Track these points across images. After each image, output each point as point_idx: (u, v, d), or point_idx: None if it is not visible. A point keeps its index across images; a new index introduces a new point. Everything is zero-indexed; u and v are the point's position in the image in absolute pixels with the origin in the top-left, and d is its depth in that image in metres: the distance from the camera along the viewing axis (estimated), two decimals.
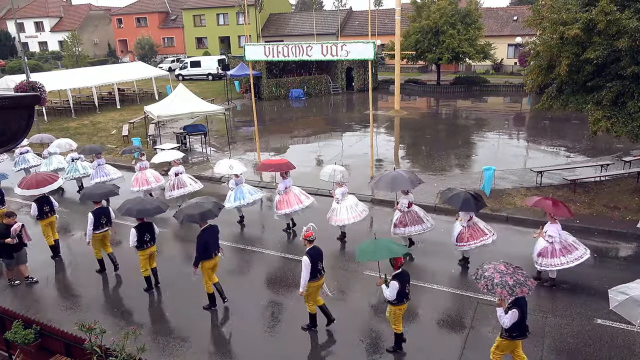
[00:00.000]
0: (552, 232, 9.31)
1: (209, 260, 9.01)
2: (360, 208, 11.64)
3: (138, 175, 14.71)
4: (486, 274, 6.53)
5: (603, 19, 12.17)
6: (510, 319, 6.55)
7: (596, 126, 13.27)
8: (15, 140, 3.06)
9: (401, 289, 7.32)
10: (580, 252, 9.34)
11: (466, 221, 10.12)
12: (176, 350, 8.24)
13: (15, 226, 9.97)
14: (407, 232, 10.91)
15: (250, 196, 12.88)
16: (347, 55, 14.63)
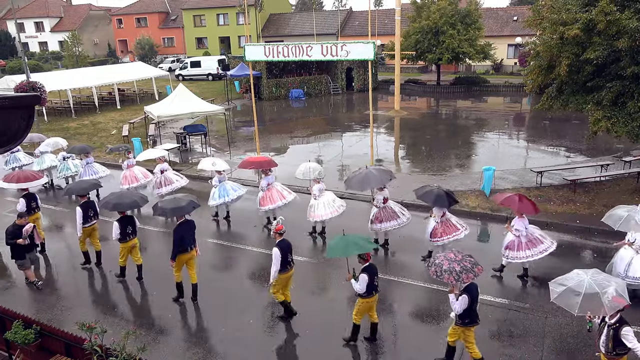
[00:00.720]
0: (519, 226, 9.64)
1: (185, 254, 9.29)
2: (338, 203, 11.83)
3: (127, 173, 14.90)
4: (437, 261, 6.96)
5: (603, 19, 12.17)
6: (461, 304, 6.81)
7: (596, 126, 13.28)
8: (16, 140, 3.06)
9: (370, 281, 7.53)
10: (545, 245, 9.66)
11: (439, 217, 10.35)
12: (176, 350, 8.24)
13: (27, 227, 9.87)
14: (383, 227, 11.16)
15: (234, 192, 13.02)
16: (347, 55, 14.64)
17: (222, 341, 8.49)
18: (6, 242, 9.94)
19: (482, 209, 13.34)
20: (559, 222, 11.87)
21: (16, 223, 9.91)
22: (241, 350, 8.24)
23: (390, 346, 8.13)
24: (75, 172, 16.05)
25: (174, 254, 9.21)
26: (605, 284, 6.29)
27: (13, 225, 9.94)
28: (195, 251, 9.51)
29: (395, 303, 9.34)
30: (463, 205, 13.67)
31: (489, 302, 9.20)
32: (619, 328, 6.12)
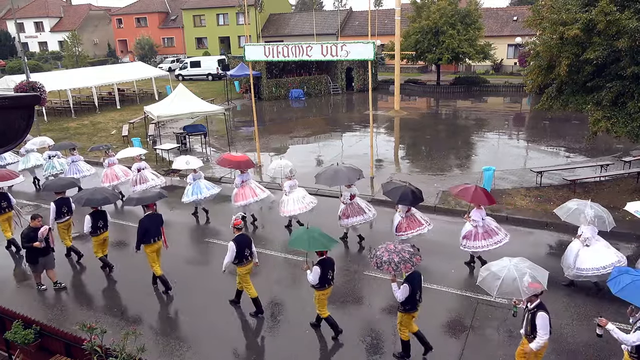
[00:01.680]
0: (476, 217, 10.07)
1: (150, 245, 9.73)
2: (308, 200, 12.23)
3: (107, 171, 15.19)
4: (378, 252, 7.29)
5: (603, 19, 12.17)
6: (403, 293, 7.13)
7: (596, 126, 13.28)
8: (15, 140, 3.06)
9: (323, 274, 7.87)
10: (500, 236, 10.10)
11: (404, 212, 10.73)
12: (176, 350, 8.24)
13: (43, 229, 9.57)
14: (349, 222, 11.51)
15: (207, 191, 13.43)
16: (347, 55, 14.63)
17: (222, 341, 8.49)
18: (22, 246, 9.77)
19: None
20: (559, 223, 11.85)
21: (30, 225, 9.71)
22: (241, 350, 8.24)
23: (370, 342, 8.14)
24: (61, 171, 16.20)
25: (138, 243, 9.73)
26: (525, 270, 6.67)
27: (28, 228, 9.73)
28: (161, 243, 9.94)
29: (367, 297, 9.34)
30: (463, 206, 13.66)
31: (488, 302, 9.21)
32: (536, 313, 6.38)
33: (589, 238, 9.24)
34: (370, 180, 15.94)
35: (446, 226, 12.59)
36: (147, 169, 15.03)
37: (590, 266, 9.03)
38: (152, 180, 14.73)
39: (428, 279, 10.10)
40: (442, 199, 14.30)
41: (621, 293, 6.40)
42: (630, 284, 6.31)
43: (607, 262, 8.92)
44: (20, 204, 14.63)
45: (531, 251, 10.89)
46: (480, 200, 10.02)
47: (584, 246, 9.23)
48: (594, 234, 9.33)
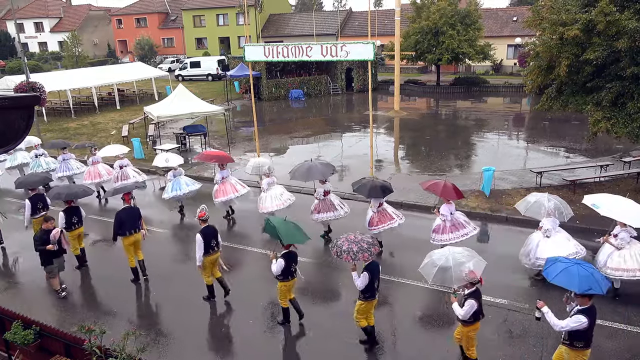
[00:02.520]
0: (444, 211, 10.38)
1: (127, 237, 10.05)
2: (285, 197, 12.52)
3: (91, 169, 15.50)
4: (338, 242, 7.58)
5: (603, 19, 12.18)
6: (362, 281, 7.42)
7: (596, 127, 13.28)
8: (15, 141, 3.06)
9: (287, 266, 8.17)
10: (468, 229, 10.41)
11: (376, 207, 11.06)
12: (176, 350, 8.24)
13: (55, 231, 9.49)
14: (320, 218, 11.83)
15: (187, 187, 13.71)
16: (346, 55, 14.62)
17: (222, 342, 8.49)
18: (35, 249, 9.61)
19: (481, 209, 13.34)
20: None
21: (43, 228, 9.61)
22: (241, 350, 8.24)
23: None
24: (47, 169, 16.34)
25: (114, 235, 10.10)
26: (464, 260, 7.00)
27: (40, 231, 9.64)
28: (139, 235, 10.27)
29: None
30: (463, 206, 13.67)
31: (488, 302, 9.19)
32: (467, 299, 6.79)
33: (549, 229, 9.52)
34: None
35: None
36: (129, 167, 15.37)
37: (549, 256, 9.00)
38: (134, 177, 15.02)
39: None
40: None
41: (556, 280, 6.62)
42: (564, 271, 6.57)
43: (566, 253, 9.07)
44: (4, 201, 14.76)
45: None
46: (449, 195, 10.39)
47: (544, 237, 9.53)
48: (554, 226, 9.59)
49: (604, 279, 6.65)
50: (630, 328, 8.36)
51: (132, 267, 10.35)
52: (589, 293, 6.27)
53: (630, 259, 8.86)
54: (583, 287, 6.28)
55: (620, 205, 9.07)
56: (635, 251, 8.96)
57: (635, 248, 9.02)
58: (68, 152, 16.38)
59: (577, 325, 6.27)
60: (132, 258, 10.32)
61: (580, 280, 6.33)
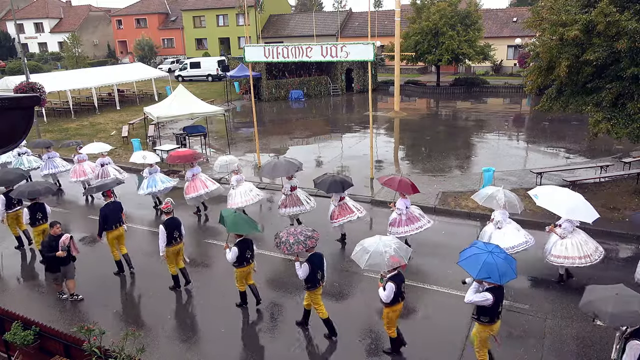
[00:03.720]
0: (400, 205, 10.87)
1: (111, 231, 10.35)
2: (254, 193, 13.04)
3: (76, 167, 15.88)
4: (280, 234, 8.06)
5: (602, 20, 12.17)
6: (304, 271, 7.83)
7: (596, 128, 13.27)
8: (15, 141, 3.05)
9: (241, 253, 8.70)
10: (422, 222, 10.98)
11: (337, 201, 11.57)
12: (175, 350, 8.23)
13: (64, 238, 9.28)
14: (287, 212, 12.27)
15: (162, 184, 14.06)
16: (346, 56, 14.63)
17: (222, 342, 8.48)
18: (42, 255, 9.45)
19: (481, 210, 13.32)
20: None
21: (51, 234, 9.39)
22: (241, 350, 8.24)
23: None
24: (29, 168, 16.58)
25: (100, 230, 10.34)
26: (391, 245, 7.43)
27: (49, 237, 9.41)
28: (122, 229, 10.59)
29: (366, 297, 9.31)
30: (463, 207, 13.68)
31: None
32: (388, 282, 7.25)
33: (500, 221, 9.97)
34: (370, 182, 15.94)
35: (445, 227, 12.60)
36: (111, 165, 15.73)
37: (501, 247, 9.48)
38: (114, 176, 15.19)
39: (427, 280, 10.14)
40: (442, 200, 14.29)
41: (462, 263, 7.01)
42: (473, 257, 6.93)
43: (515, 243, 9.72)
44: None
45: (531, 252, 10.87)
46: (405, 189, 10.90)
47: (496, 229, 9.97)
48: (504, 218, 10.07)
49: (511, 270, 6.88)
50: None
51: (117, 260, 10.65)
52: (486, 280, 6.72)
53: (571, 247, 9.38)
54: (481, 275, 6.70)
55: (559, 197, 9.45)
56: (577, 240, 9.47)
57: (577, 237, 9.52)
58: (52, 151, 16.62)
59: (483, 301, 6.77)
60: (116, 251, 10.59)
61: (482, 267, 6.71)
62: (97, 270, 11.01)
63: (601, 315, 6.05)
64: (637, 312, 5.85)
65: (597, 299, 6.30)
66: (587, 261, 9.27)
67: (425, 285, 9.92)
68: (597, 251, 9.45)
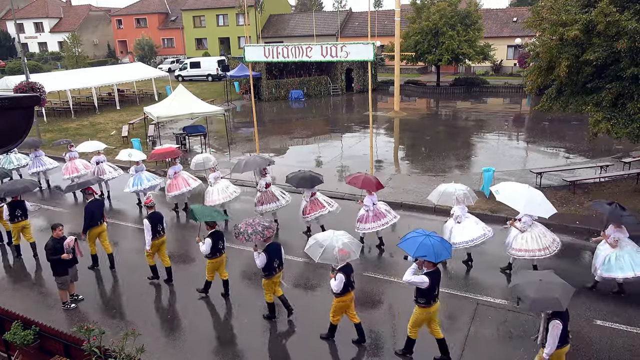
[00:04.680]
0: (367, 202, 11.24)
1: (95, 228, 10.66)
2: (231, 190, 13.32)
3: (68, 165, 16.06)
4: (239, 225, 8.47)
5: (603, 20, 12.17)
6: (261, 260, 8.28)
7: (596, 128, 13.27)
8: (15, 141, 3.05)
9: (214, 244, 9.07)
10: (388, 218, 11.29)
11: (308, 197, 11.94)
12: (175, 350, 8.23)
13: (69, 240, 9.13)
14: (264, 209, 12.51)
15: (147, 182, 14.37)
16: (346, 56, 14.62)
17: (222, 341, 8.49)
18: (47, 259, 9.21)
19: (481, 210, 13.33)
20: (558, 224, 11.86)
21: (54, 237, 9.17)
22: (241, 350, 8.24)
23: None
24: (18, 166, 16.90)
25: (86, 227, 10.57)
26: (343, 240, 7.81)
27: (52, 240, 9.16)
28: (105, 225, 10.92)
29: (367, 297, 9.36)
30: None
31: (489, 303, 9.22)
32: (337, 273, 7.57)
33: (459, 216, 10.42)
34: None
35: None
36: (105, 162, 15.96)
37: (460, 240, 10.20)
38: (109, 173, 15.66)
39: None
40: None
41: (401, 245, 7.53)
42: (411, 239, 7.45)
43: (474, 236, 10.18)
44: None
45: None
46: (369, 187, 11.20)
47: (456, 223, 10.41)
48: (463, 212, 10.50)
49: (446, 252, 7.39)
50: (630, 329, 8.36)
51: (94, 254, 10.94)
52: (422, 258, 7.18)
53: (531, 240, 9.67)
54: (418, 253, 7.18)
55: (518, 193, 9.75)
56: (536, 233, 9.74)
57: (536, 230, 9.80)
58: (39, 149, 16.83)
59: (420, 283, 7.17)
60: (93, 246, 10.89)
61: (418, 247, 7.20)
62: (97, 270, 11.03)
63: (524, 300, 6.41)
64: (557, 298, 6.14)
65: (522, 283, 6.65)
66: (546, 253, 9.59)
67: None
68: (554, 243, 9.77)
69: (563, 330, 6.27)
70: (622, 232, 9.12)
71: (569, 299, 6.29)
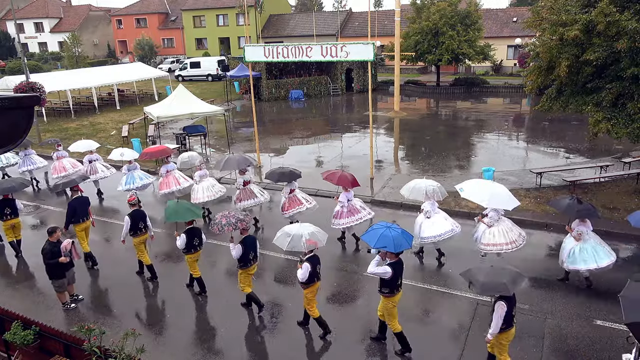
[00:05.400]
0: (342, 198, 11.54)
1: (79, 224, 10.89)
2: (217, 188, 13.54)
3: (56, 164, 16.24)
4: (216, 216, 8.84)
5: (603, 20, 12.17)
6: (237, 251, 8.59)
7: (596, 128, 13.27)
8: (15, 141, 3.05)
9: (189, 240, 9.35)
10: (362, 214, 11.56)
11: (287, 194, 12.26)
12: (175, 350, 8.23)
13: (65, 243, 9.07)
14: (242, 205, 12.72)
15: (140, 181, 14.59)
16: (346, 56, 14.63)
17: (222, 341, 8.48)
18: (45, 263, 9.11)
19: (481, 210, 13.32)
20: (558, 224, 11.87)
21: (50, 240, 9.07)
22: (241, 350, 8.24)
23: None
24: (7, 164, 17.28)
25: (67, 223, 10.78)
26: (309, 230, 8.17)
27: (49, 244, 9.05)
28: (89, 222, 11.12)
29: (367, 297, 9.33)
30: (463, 207, 13.67)
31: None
32: (304, 262, 7.85)
33: (429, 211, 10.70)
34: (370, 182, 15.94)
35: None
36: (99, 161, 16.19)
37: (429, 234, 10.52)
38: (102, 172, 15.92)
39: (428, 280, 10.14)
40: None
41: (364, 237, 7.89)
42: (372, 231, 7.78)
43: (443, 231, 10.49)
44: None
45: (530, 252, 10.90)
46: (345, 183, 11.49)
47: (426, 218, 10.68)
48: (433, 208, 10.77)
49: (406, 242, 7.60)
50: None
51: (87, 251, 11.05)
52: (382, 249, 7.50)
53: (498, 234, 10.02)
54: (378, 244, 7.48)
55: (481, 188, 10.11)
56: (503, 227, 10.09)
57: (503, 225, 10.15)
58: (29, 148, 17.06)
59: (383, 274, 7.42)
60: (84, 243, 11.03)
61: (379, 239, 7.50)
62: (98, 270, 11.04)
63: (474, 283, 6.81)
64: (504, 283, 6.57)
65: (474, 268, 7.22)
66: (513, 246, 9.93)
67: (426, 285, 9.92)
68: (520, 237, 10.11)
69: (508, 313, 6.65)
70: (585, 226, 9.54)
71: (519, 286, 6.79)
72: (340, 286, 10.08)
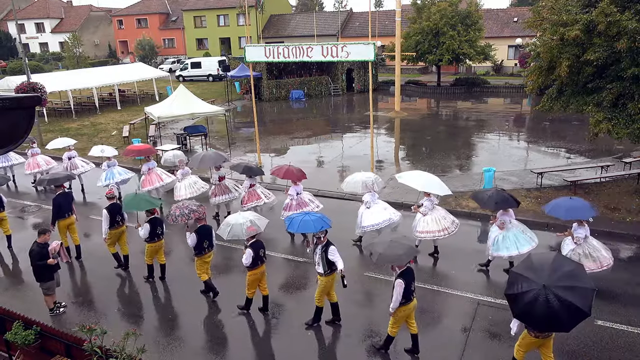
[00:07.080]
0: (291, 191, 12.05)
1: (63, 220, 11.10)
2: (199, 185, 13.80)
3: (30, 161, 16.70)
4: (172, 207, 9.55)
5: (603, 20, 12.16)
6: (192, 240, 9.11)
7: (597, 128, 13.26)
8: (16, 141, 3.06)
9: (152, 229, 9.81)
10: (310, 207, 11.86)
11: (247, 188, 12.76)
12: (176, 350, 8.24)
13: (54, 245, 8.92)
14: (217, 200, 13.22)
15: (120, 176, 14.96)
16: (347, 56, 14.64)
17: (222, 341, 8.49)
18: (32, 264, 8.94)
19: (482, 210, 13.33)
20: (558, 224, 11.87)
21: (38, 242, 8.91)
22: (241, 350, 8.25)
23: None
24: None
25: (54, 219, 11.00)
26: (248, 218, 8.78)
27: (37, 245, 8.87)
28: (73, 217, 11.34)
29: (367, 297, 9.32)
30: (463, 207, 13.68)
31: (489, 303, 9.22)
32: (247, 248, 8.44)
33: (368, 202, 11.33)
34: None
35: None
36: (77, 157, 16.53)
37: (368, 223, 11.15)
38: (82, 167, 16.27)
39: (429, 281, 10.14)
40: (443, 200, 14.26)
41: (290, 228, 8.62)
42: (292, 220, 8.63)
43: (381, 220, 11.08)
44: None
45: (530, 252, 10.86)
46: (291, 177, 11.94)
47: (366, 208, 11.30)
48: (373, 199, 11.41)
49: (326, 224, 8.33)
50: (630, 329, 8.37)
51: (66, 246, 10.85)
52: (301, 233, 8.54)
53: (432, 222, 10.75)
54: (300, 230, 8.37)
55: (417, 176, 11.32)
56: (437, 216, 10.86)
57: (437, 213, 10.93)
58: None
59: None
60: (65, 238, 11.15)
61: (299, 225, 8.34)
62: (97, 270, 11.05)
63: (374, 254, 7.50)
64: (400, 255, 7.34)
65: (377, 242, 8.06)
66: (445, 233, 10.68)
67: (426, 285, 9.92)
68: (453, 224, 10.86)
69: (406, 288, 7.28)
70: (507, 215, 10.15)
71: (410, 257, 7.48)
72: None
